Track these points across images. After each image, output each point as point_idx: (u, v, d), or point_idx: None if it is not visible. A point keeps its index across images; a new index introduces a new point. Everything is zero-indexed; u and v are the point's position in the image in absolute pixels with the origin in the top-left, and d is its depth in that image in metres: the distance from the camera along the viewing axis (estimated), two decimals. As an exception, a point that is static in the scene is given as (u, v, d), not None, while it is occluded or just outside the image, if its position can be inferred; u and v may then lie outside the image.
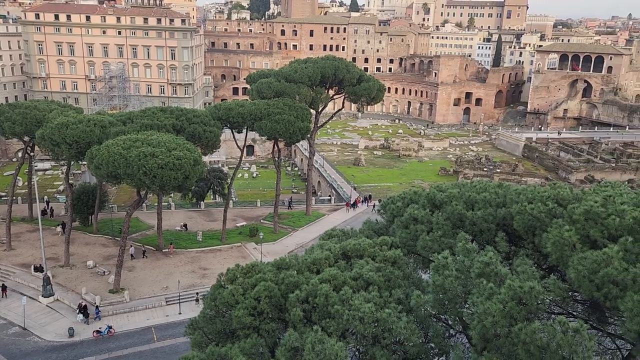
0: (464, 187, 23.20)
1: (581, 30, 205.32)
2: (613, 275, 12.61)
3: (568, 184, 65.57)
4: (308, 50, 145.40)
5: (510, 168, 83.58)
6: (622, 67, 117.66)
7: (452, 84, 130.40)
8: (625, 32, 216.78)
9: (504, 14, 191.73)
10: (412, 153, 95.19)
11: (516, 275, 14.51)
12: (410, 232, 20.28)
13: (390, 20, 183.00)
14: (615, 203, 15.90)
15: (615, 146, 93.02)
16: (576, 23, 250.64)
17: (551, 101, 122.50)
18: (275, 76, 58.99)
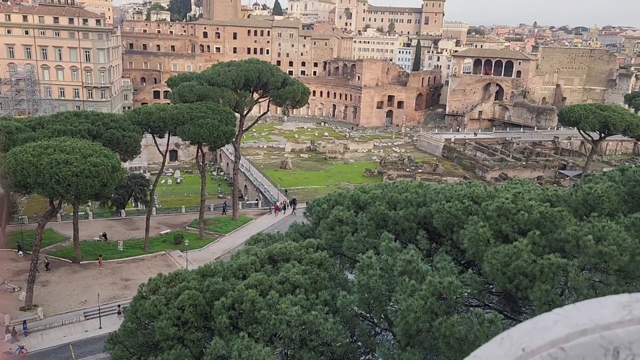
0: (387, 187, 23.84)
1: (492, 36, 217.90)
2: (523, 267, 13.41)
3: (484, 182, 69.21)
4: (232, 53, 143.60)
5: (431, 168, 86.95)
6: (529, 72, 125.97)
7: (375, 87, 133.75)
8: (532, 38, 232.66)
9: (422, 20, 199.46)
10: (338, 155, 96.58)
11: (436, 272, 15.05)
12: (335, 234, 20.52)
13: (313, 24, 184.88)
14: (524, 199, 16.90)
15: (525, 145, 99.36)
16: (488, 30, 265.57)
17: (467, 103, 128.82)
18: (198, 79, 57.74)
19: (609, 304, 1.17)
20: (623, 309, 1.14)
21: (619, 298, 1.16)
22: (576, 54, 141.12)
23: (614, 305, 1.16)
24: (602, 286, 13.09)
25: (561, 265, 13.19)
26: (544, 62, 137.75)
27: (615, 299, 1.18)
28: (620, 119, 69.47)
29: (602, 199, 16.88)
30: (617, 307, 1.15)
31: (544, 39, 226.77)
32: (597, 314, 1.13)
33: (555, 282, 13.20)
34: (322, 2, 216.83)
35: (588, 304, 1.18)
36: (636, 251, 13.77)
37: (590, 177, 24.70)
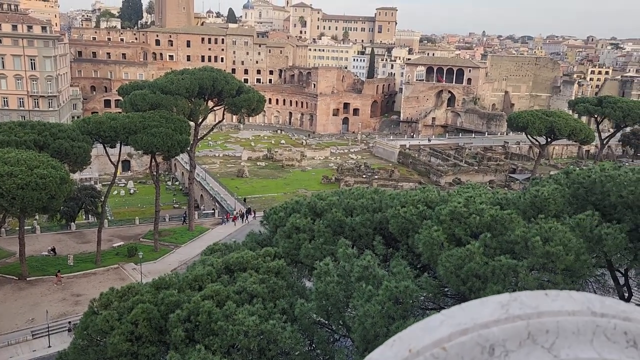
0: (343, 194, 23.98)
1: (444, 45, 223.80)
2: (475, 269, 13.75)
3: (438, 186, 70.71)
4: (185, 61, 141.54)
5: (388, 174, 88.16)
6: (479, 79, 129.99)
7: (330, 95, 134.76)
8: (481, 47, 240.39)
9: (375, 29, 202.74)
10: (295, 163, 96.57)
11: (393, 276, 15.23)
12: (293, 242, 20.46)
13: (268, 32, 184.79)
14: (476, 203, 17.37)
15: (477, 151, 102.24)
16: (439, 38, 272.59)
17: (421, 110, 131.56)
18: (150, 87, 56.59)
19: (490, 304, 1.20)
20: (502, 308, 1.17)
21: (500, 298, 1.19)
22: (523, 62, 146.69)
23: (494, 305, 1.19)
24: (550, 285, 13.57)
25: (511, 266, 13.60)
26: (492, 69, 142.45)
27: (496, 298, 1.21)
28: (564, 124, 72.58)
29: (548, 201, 17.53)
30: (496, 307, 1.18)
31: (492, 48, 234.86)
32: (478, 314, 1.16)
33: (506, 283, 13.59)
34: (277, 11, 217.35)
35: (472, 305, 1.21)
36: (580, 251, 14.36)
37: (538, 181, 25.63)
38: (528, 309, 1.19)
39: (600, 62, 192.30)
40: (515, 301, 1.21)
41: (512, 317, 1.16)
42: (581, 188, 19.31)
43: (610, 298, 1.17)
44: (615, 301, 1.18)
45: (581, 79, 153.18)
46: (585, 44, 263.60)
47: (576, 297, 1.19)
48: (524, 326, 1.14)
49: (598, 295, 1.18)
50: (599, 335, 1.13)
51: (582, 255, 14.62)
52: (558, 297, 1.20)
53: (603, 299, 1.18)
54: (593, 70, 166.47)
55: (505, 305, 1.20)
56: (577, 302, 1.21)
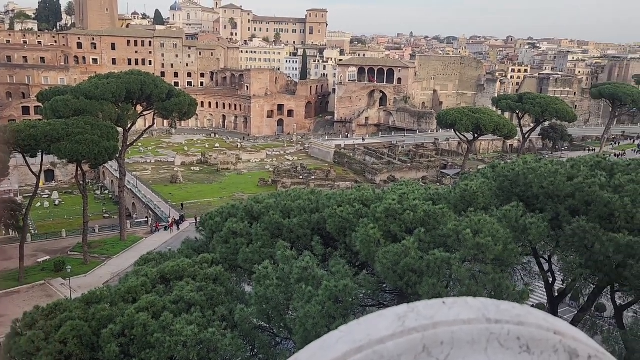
0: (280, 196, 23.89)
1: (374, 46, 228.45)
2: (411, 264, 14.08)
3: (374, 184, 72.05)
4: (111, 65, 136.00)
5: (324, 174, 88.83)
6: (409, 79, 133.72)
7: (264, 97, 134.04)
8: (409, 47, 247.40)
9: (306, 30, 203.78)
10: (230, 166, 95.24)
11: (332, 276, 15.30)
12: (230, 247, 20.14)
13: (198, 34, 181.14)
14: (409, 199, 17.81)
15: (409, 148, 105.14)
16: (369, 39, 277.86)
17: (354, 110, 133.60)
18: (73, 93, 53.88)
19: (387, 317, 1.16)
20: (398, 320, 1.14)
21: (398, 309, 1.17)
22: (449, 62, 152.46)
23: (392, 317, 1.15)
24: (482, 275, 14.13)
25: (445, 259, 14.04)
26: (421, 69, 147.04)
27: (394, 310, 1.18)
28: (489, 121, 76.13)
29: (477, 195, 18.27)
30: (393, 319, 1.14)
31: (420, 48, 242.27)
32: (374, 328, 1.12)
33: (441, 276, 14.02)
34: (206, 12, 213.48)
35: (370, 319, 1.17)
36: (508, 241, 15.07)
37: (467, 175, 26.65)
38: (424, 320, 1.15)
39: (519, 61, 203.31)
40: (412, 312, 1.17)
41: (408, 330, 1.12)
42: (506, 181, 20.29)
43: (506, 302, 1.17)
44: (511, 305, 1.18)
45: (503, 77, 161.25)
46: (505, 44, 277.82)
47: (472, 304, 1.17)
48: (420, 339, 1.10)
49: (494, 300, 1.17)
50: (492, 342, 1.10)
51: (510, 245, 15.35)
52: (454, 305, 1.17)
53: (499, 303, 1.18)
54: (513, 68, 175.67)
55: (402, 317, 1.16)
56: (473, 309, 1.18)
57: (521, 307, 1.17)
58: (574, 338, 1.16)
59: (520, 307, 1.17)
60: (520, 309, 1.18)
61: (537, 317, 1.19)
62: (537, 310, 1.19)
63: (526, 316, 1.18)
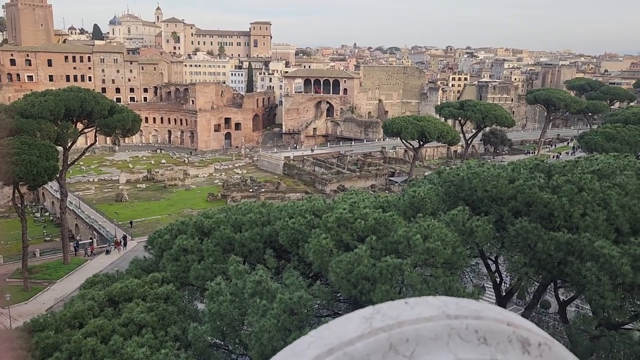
0: (230, 210, 23.61)
1: (319, 57, 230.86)
2: (364, 272, 14.22)
3: (324, 195, 72.42)
4: (48, 82, 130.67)
5: (274, 186, 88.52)
6: (354, 89, 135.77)
7: (210, 111, 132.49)
8: (353, 58, 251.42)
9: (251, 43, 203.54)
10: (178, 182, 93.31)
11: (286, 288, 15.23)
12: (181, 264, 19.69)
13: (139, 49, 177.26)
14: (360, 208, 18.02)
15: (358, 157, 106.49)
16: (314, 51, 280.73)
17: (302, 121, 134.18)
18: (7, 112, 51.42)
19: (354, 319, 1.21)
20: (365, 322, 1.18)
21: (364, 312, 1.22)
22: (392, 72, 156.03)
23: (359, 320, 1.20)
24: (433, 279, 14.45)
25: (397, 265, 14.27)
26: (366, 79, 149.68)
27: (361, 312, 1.23)
28: (433, 128, 78.38)
29: (425, 201, 18.72)
30: (360, 322, 1.19)
31: (363, 59, 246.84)
32: (343, 331, 1.16)
33: (394, 282, 14.23)
34: (147, 26, 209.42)
35: (339, 322, 1.21)
36: (456, 244, 15.50)
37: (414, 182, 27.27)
38: (389, 320, 1.20)
39: (459, 70, 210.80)
40: (377, 313, 1.22)
41: (375, 330, 1.16)
42: (452, 186, 20.92)
43: (465, 299, 1.25)
44: (469, 302, 1.25)
45: (444, 85, 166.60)
46: (445, 54, 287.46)
47: (433, 303, 1.25)
48: (386, 338, 1.15)
49: (454, 298, 1.25)
50: (454, 337, 1.17)
51: (458, 248, 15.79)
52: (417, 305, 1.24)
53: (458, 300, 1.25)
54: (454, 77, 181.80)
55: (369, 318, 1.20)
56: (434, 307, 1.24)
57: (478, 303, 1.26)
58: (525, 328, 1.24)
59: (477, 303, 1.26)
60: (478, 304, 1.26)
61: (493, 311, 1.27)
62: (493, 306, 1.29)
63: (483, 311, 1.25)
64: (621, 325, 17.05)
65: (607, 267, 14.61)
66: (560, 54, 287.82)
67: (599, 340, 15.49)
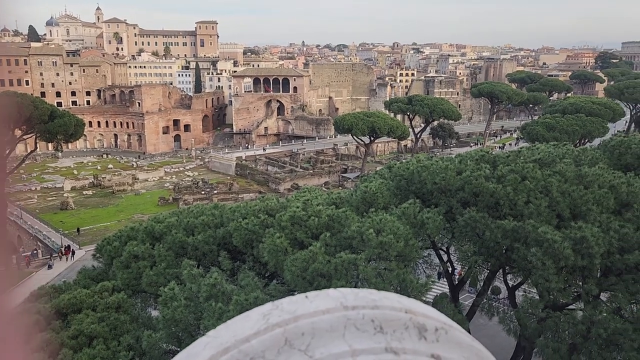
0: (182, 213, 23.17)
1: (267, 56, 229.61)
2: (319, 268, 14.28)
3: (278, 194, 72.20)
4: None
5: (227, 187, 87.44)
6: (304, 87, 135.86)
7: (158, 113, 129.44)
8: (302, 56, 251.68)
9: (197, 43, 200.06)
10: (127, 187, 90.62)
11: (242, 290, 15.10)
12: (132, 271, 19.17)
13: (80, 51, 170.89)
14: (313, 205, 18.09)
15: (310, 155, 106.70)
16: (262, 50, 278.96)
17: (253, 121, 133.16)
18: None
19: (252, 317, 1.22)
20: (263, 318, 1.19)
21: (263, 308, 1.24)
22: (341, 69, 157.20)
23: (257, 317, 1.21)
24: (387, 272, 14.67)
25: (351, 261, 14.41)
26: (315, 77, 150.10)
27: (260, 309, 1.24)
28: (383, 123, 79.56)
29: (376, 195, 18.98)
30: (258, 318, 1.20)
31: (312, 57, 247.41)
32: (240, 329, 1.16)
33: (349, 277, 14.36)
34: (87, 27, 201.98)
35: (237, 320, 1.22)
36: (408, 237, 15.80)
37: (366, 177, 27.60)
38: (286, 315, 1.21)
39: (406, 65, 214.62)
40: (276, 309, 1.23)
41: (271, 326, 1.17)
42: (402, 180, 21.30)
43: (365, 290, 1.28)
44: (369, 292, 1.28)
45: (392, 81, 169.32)
46: (392, 50, 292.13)
47: (332, 295, 1.28)
48: (281, 333, 1.16)
49: (354, 289, 1.28)
50: (349, 327, 1.18)
51: (410, 241, 16.10)
52: (316, 298, 1.26)
53: (357, 291, 1.28)
54: (401, 72, 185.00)
55: (267, 314, 1.21)
56: (333, 299, 1.26)
57: (378, 293, 1.29)
58: (423, 315, 1.27)
59: (377, 293, 1.29)
60: (377, 294, 1.30)
61: (391, 300, 1.29)
62: (393, 294, 1.32)
63: (381, 300, 1.27)
64: (565, 306, 17.88)
65: (551, 252, 15.27)
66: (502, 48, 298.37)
67: (545, 322, 16.18)
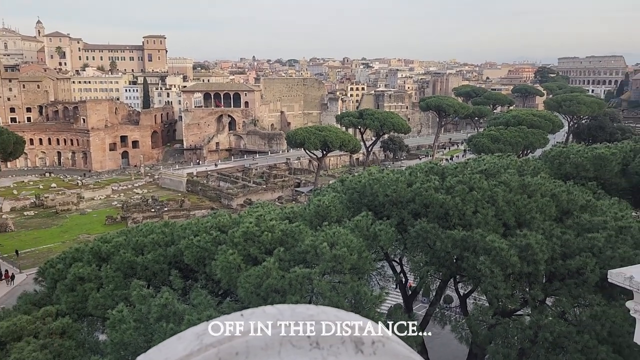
0: (131, 232, 22.49)
1: (217, 71, 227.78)
2: (273, 284, 14.14)
3: (231, 209, 71.30)
4: None
5: (178, 204, 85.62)
6: (256, 102, 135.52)
7: (104, 129, 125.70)
8: (253, 71, 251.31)
9: (145, 58, 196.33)
10: (72, 207, 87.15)
11: (194, 309, 14.74)
12: (77, 294, 18.38)
13: (19, 65, 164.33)
14: (266, 220, 17.94)
15: (263, 170, 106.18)
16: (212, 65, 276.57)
17: (204, 136, 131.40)
18: None
19: (186, 338, 1.18)
20: (197, 339, 1.15)
21: (197, 328, 1.21)
22: (293, 83, 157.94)
23: (191, 337, 1.17)
24: (341, 286, 14.70)
25: (306, 275, 14.35)
26: (267, 92, 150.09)
27: (194, 330, 1.21)
28: (335, 137, 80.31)
29: (330, 209, 19.06)
30: (192, 339, 1.16)
31: (263, 71, 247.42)
32: (173, 351, 1.13)
33: (303, 292, 14.29)
34: (27, 41, 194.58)
35: (170, 342, 1.18)
36: (362, 249, 15.91)
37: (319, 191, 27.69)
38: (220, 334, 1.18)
39: (356, 80, 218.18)
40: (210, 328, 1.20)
41: (205, 347, 1.13)
42: (355, 193, 21.50)
43: (303, 305, 1.25)
44: (306, 307, 1.26)
45: (343, 95, 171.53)
46: (342, 65, 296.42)
47: (269, 312, 1.24)
48: (215, 353, 1.12)
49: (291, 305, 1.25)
50: (285, 344, 1.17)
51: (364, 253, 16.22)
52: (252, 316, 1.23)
53: (295, 307, 1.25)
54: (352, 87, 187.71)
55: (201, 335, 1.18)
56: (269, 316, 1.24)
57: (316, 308, 1.26)
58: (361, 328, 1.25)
59: (315, 308, 1.26)
60: (315, 309, 1.26)
61: (329, 315, 1.27)
62: (331, 309, 1.30)
63: (318, 315, 1.26)
64: (514, 312, 18.43)
65: (498, 260, 15.75)
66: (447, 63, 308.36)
67: (495, 328, 16.61)
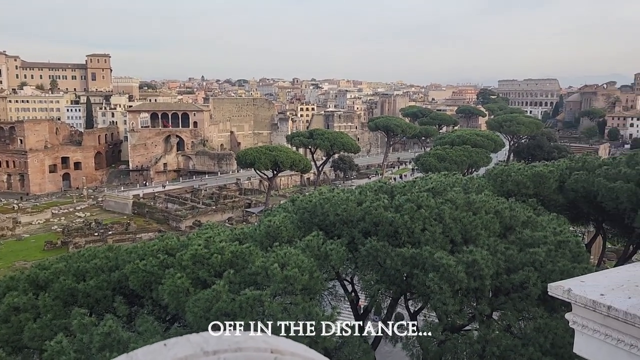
0: (72, 258, 21.53)
1: (165, 90, 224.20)
2: (223, 307, 13.81)
3: (179, 232, 69.63)
4: None
5: (123, 228, 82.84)
6: (205, 122, 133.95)
7: (44, 150, 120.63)
8: (202, 91, 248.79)
9: (88, 77, 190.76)
10: (7, 232, 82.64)
11: (140, 336, 14.17)
12: (12, 325, 17.29)
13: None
14: (216, 242, 17.60)
15: (212, 191, 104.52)
16: (160, 84, 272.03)
17: (151, 157, 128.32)
18: None
19: None
20: None
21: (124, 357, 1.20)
22: (242, 103, 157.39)
23: None
24: (292, 307, 14.53)
25: (256, 297, 14.10)
26: (216, 112, 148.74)
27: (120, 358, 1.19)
28: (286, 157, 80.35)
29: (280, 229, 18.92)
30: None
31: (212, 91, 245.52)
32: None
33: (254, 314, 14.02)
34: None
35: None
36: (313, 269, 15.84)
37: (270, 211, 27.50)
38: None
39: (306, 100, 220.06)
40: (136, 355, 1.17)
41: None
42: (306, 212, 21.46)
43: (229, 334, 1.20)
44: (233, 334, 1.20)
45: (294, 115, 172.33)
46: (292, 85, 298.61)
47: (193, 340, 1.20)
48: None
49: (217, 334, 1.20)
50: None
51: (315, 273, 16.15)
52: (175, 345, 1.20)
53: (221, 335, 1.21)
54: (302, 107, 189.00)
55: None
56: (192, 345, 1.21)
57: (243, 335, 1.21)
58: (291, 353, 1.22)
59: (242, 335, 1.21)
60: (242, 336, 1.22)
61: (256, 340, 1.24)
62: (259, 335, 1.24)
63: (246, 342, 1.23)
64: (462, 327, 18.76)
65: (446, 276, 16.04)
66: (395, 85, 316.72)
67: (445, 344, 16.83)
